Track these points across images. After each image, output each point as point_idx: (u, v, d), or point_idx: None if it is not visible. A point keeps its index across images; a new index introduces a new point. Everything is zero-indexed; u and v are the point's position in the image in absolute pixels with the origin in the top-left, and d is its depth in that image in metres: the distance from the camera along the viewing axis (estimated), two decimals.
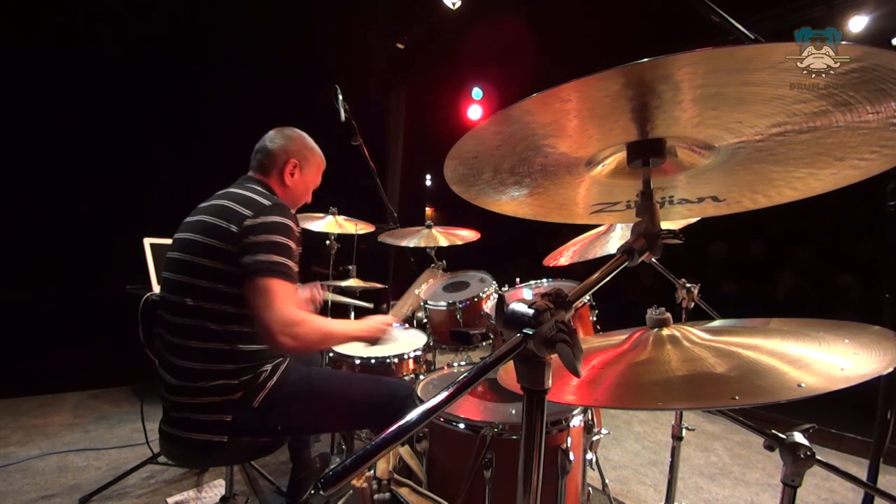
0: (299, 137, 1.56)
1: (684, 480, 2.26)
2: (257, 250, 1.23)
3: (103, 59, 3.39)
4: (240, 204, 1.30)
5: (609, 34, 3.83)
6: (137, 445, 2.42)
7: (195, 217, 1.35)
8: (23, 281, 3.27)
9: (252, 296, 1.22)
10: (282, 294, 1.22)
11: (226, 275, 1.26)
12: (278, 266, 1.24)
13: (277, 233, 1.27)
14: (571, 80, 0.52)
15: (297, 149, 1.53)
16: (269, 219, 1.27)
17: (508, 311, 0.53)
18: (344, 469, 0.41)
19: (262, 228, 1.26)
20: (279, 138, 1.51)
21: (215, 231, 1.27)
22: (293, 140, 1.53)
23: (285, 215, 1.31)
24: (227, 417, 1.27)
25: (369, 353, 1.88)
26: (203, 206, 1.38)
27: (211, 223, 1.29)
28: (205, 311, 1.26)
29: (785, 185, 0.75)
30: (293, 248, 1.31)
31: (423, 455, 1.31)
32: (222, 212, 1.30)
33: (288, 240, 1.29)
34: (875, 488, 1.06)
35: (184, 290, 1.28)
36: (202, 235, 1.29)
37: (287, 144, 1.51)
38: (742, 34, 1.02)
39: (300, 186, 1.56)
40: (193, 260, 1.28)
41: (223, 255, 1.25)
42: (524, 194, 0.86)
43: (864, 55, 0.47)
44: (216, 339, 1.27)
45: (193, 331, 1.27)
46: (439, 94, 5.35)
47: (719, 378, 0.62)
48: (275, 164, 1.49)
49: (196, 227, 1.32)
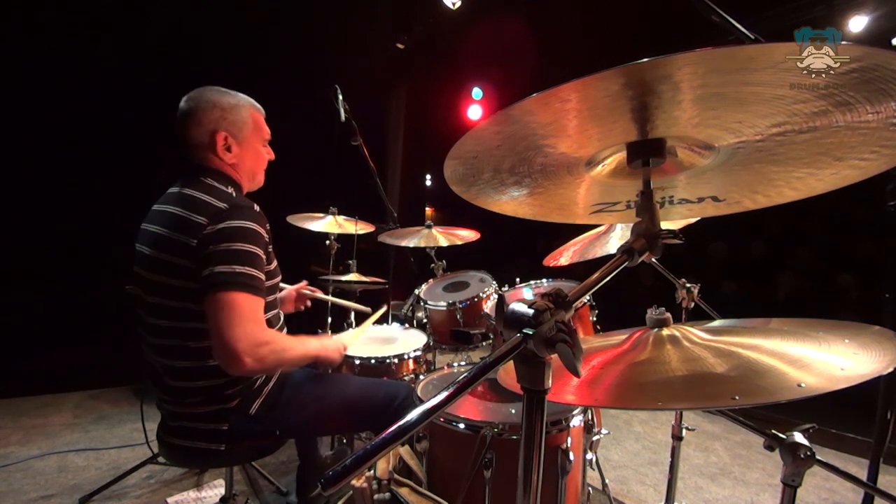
0: (211, 99, 1.25)
1: (684, 480, 2.26)
2: (215, 260, 1.09)
3: (103, 59, 3.39)
4: (190, 210, 1.15)
5: (609, 34, 3.83)
6: (137, 445, 2.42)
7: (149, 226, 1.22)
8: (23, 281, 3.27)
9: (212, 312, 1.08)
10: (247, 310, 1.09)
11: (192, 293, 1.13)
12: (240, 277, 1.10)
13: (237, 239, 1.12)
14: (571, 80, 0.52)
15: (217, 117, 1.25)
16: (229, 224, 1.13)
17: (508, 311, 0.53)
18: (344, 469, 0.41)
19: (220, 236, 1.12)
20: (188, 113, 1.24)
21: (172, 245, 1.14)
22: (205, 109, 1.24)
23: (246, 217, 1.16)
24: (223, 426, 1.24)
25: (369, 353, 1.88)
26: (155, 211, 1.23)
27: (165, 236, 1.16)
28: (182, 331, 1.18)
29: (785, 185, 0.75)
30: (258, 255, 1.16)
31: (423, 455, 1.31)
32: (174, 221, 1.16)
33: (251, 246, 1.14)
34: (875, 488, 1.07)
35: (157, 312, 1.20)
36: (160, 251, 1.16)
37: (201, 118, 1.24)
38: (742, 34, 1.02)
39: (247, 155, 1.32)
40: (158, 280, 1.17)
41: (188, 272, 1.13)
42: (524, 194, 0.86)
43: (864, 55, 0.47)
44: (199, 356, 1.18)
45: (176, 350, 1.19)
46: (439, 94, 5.35)
47: (719, 378, 0.62)
48: (203, 147, 1.26)
49: (152, 240, 1.19)
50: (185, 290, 1.15)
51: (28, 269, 3.30)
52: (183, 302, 1.16)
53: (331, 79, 2.32)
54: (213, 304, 1.08)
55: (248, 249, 1.14)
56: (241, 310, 1.08)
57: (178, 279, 1.15)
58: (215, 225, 1.13)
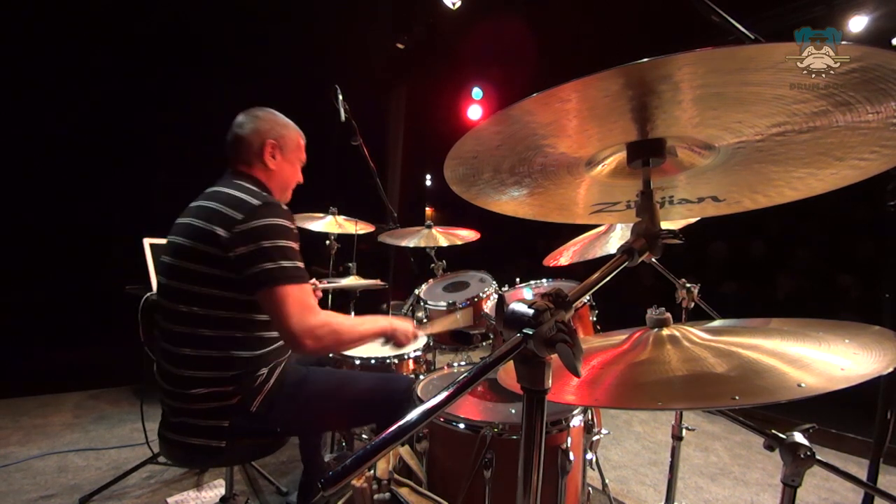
0: (269, 116, 1.45)
1: (684, 480, 2.26)
2: (263, 258, 1.20)
3: (103, 59, 3.39)
4: (227, 206, 1.24)
5: (609, 34, 3.83)
6: (137, 445, 2.42)
7: (185, 219, 1.31)
8: (23, 281, 3.27)
9: (269, 306, 1.21)
10: (299, 299, 1.21)
11: (220, 280, 1.22)
12: (287, 270, 1.21)
13: (275, 236, 1.23)
14: (571, 80, 0.52)
15: (271, 128, 1.43)
16: (263, 222, 1.22)
17: (508, 311, 0.53)
18: (344, 469, 0.41)
19: (257, 234, 1.21)
20: (248, 122, 1.42)
21: (204, 236, 1.22)
22: (264, 120, 1.43)
23: (278, 214, 1.26)
24: (224, 423, 1.25)
25: (369, 353, 1.88)
26: (192, 207, 1.33)
27: (199, 227, 1.24)
28: (198, 317, 1.24)
29: (785, 185, 0.75)
30: (296, 248, 1.27)
31: (423, 455, 1.31)
32: (210, 215, 1.25)
33: (288, 241, 1.25)
34: (875, 488, 1.06)
35: (176, 296, 1.26)
36: (191, 240, 1.25)
37: (259, 126, 1.41)
38: (742, 34, 1.02)
39: (286, 168, 1.47)
40: (183, 265, 1.25)
41: (215, 260, 1.22)
42: (524, 194, 0.86)
43: (864, 55, 0.47)
44: (210, 345, 1.24)
45: (186, 338, 1.25)
46: (439, 94, 5.35)
47: (719, 378, 0.62)
48: (252, 151, 1.40)
49: (185, 231, 1.28)
50: (210, 276, 1.23)
51: (28, 269, 3.30)
52: (205, 288, 1.23)
53: (331, 79, 2.32)
54: (269, 299, 1.20)
55: (286, 245, 1.24)
56: (294, 300, 1.20)
57: (204, 265, 1.23)
58: (248, 221, 1.22)
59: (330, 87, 2.27)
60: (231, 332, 1.26)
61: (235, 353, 1.26)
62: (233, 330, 1.26)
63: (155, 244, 2.51)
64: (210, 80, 3.74)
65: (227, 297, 1.24)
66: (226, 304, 1.24)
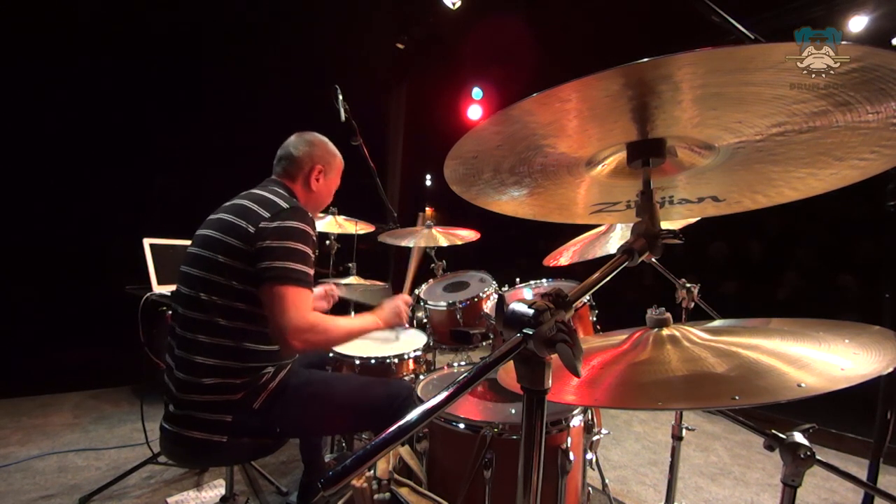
0: (322, 143, 1.59)
1: (684, 480, 2.26)
2: (274, 256, 1.26)
3: (103, 59, 3.39)
4: (258, 204, 1.33)
5: (609, 34, 3.83)
6: (137, 445, 2.43)
7: (217, 215, 1.39)
8: (23, 281, 3.27)
9: (267, 300, 1.26)
10: (296, 301, 1.26)
11: (240, 272, 1.29)
12: (294, 273, 1.27)
13: (294, 238, 1.30)
14: (571, 80, 0.52)
15: (321, 154, 1.56)
16: (287, 223, 1.30)
17: (508, 311, 0.53)
18: (344, 469, 0.41)
19: (279, 233, 1.28)
20: (303, 144, 1.54)
21: (233, 230, 1.30)
22: (317, 146, 1.57)
23: (303, 220, 1.33)
24: (227, 418, 1.28)
25: (369, 353, 1.88)
26: (226, 205, 1.42)
27: (230, 221, 1.32)
28: (216, 307, 1.29)
29: (785, 185, 0.75)
30: (310, 254, 1.33)
31: (423, 455, 1.31)
32: (242, 212, 1.33)
33: (305, 246, 1.31)
34: (875, 488, 1.06)
35: (199, 285, 1.31)
36: (221, 233, 1.32)
37: (312, 150, 1.55)
38: (742, 34, 1.02)
39: (324, 191, 1.61)
40: (211, 256, 1.31)
41: (239, 253, 1.28)
42: (524, 194, 0.86)
43: (864, 55, 0.47)
44: (224, 334, 1.29)
45: (203, 325, 1.29)
46: (439, 94, 5.35)
47: (719, 378, 0.62)
48: (301, 171, 1.53)
49: (216, 225, 1.35)
50: (232, 268, 1.29)
51: (29, 269, 3.30)
52: (226, 279, 1.29)
53: (331, 79, 2.32)
54: (267, 294, 1.26)
55: (301, 248, 1.30)
56: (290, 300, 1.25)
57: (228, 257, 1.29)
58: (273, 220, 1.30)
59: (330, 87, 2.27)
60: (245, 324, 1.30)
61: (247, 345, 1.31)
62: (247, 322, 1.30)
63: (155, 244, 2.52)
64: (210, 80, 3.74)
65: (245, 290, 1.29)
66: (243, 296, 1.29)
